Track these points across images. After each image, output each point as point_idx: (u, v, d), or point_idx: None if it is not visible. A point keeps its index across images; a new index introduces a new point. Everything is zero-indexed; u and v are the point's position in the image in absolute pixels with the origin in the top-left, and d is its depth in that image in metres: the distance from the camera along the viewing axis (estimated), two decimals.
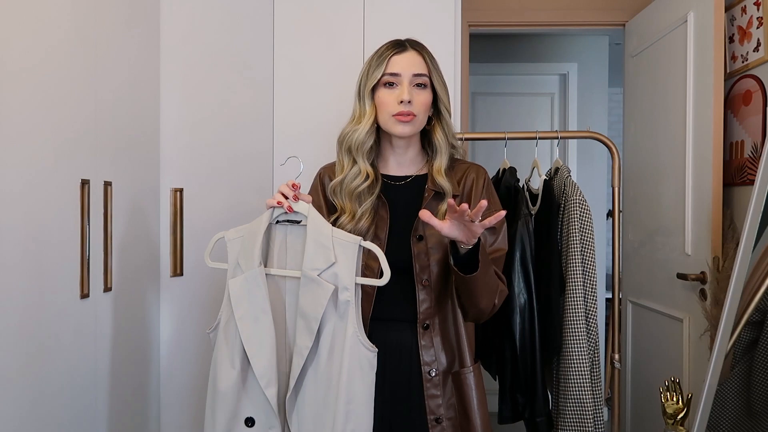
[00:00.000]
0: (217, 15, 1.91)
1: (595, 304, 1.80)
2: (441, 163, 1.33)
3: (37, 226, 1.20)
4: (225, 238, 1.23)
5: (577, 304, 1.76)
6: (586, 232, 1.78)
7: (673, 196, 2.26)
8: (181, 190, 1.78)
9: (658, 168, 2.41)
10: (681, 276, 2.13)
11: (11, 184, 1.12)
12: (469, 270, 1.16)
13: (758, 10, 1.97)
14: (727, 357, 1.51)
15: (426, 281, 1.27)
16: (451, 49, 2.08)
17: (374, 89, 1.30)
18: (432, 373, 1.27)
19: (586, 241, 1.78)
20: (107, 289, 1.46)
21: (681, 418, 1.53)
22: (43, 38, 1.22)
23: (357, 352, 1.12)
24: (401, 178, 1.37)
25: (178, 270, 1.78)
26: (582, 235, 1.77)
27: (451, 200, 1.11)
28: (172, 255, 1.77)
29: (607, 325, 2.39)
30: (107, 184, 1.44)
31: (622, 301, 2.59)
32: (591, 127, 2.56)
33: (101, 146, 1.43)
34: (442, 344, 1.29)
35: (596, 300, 1.80)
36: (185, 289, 1.81)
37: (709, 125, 2.03)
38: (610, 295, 2.00)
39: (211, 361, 1.22)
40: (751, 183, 1.77)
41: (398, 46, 1.30)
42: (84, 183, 1.35)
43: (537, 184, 1.92)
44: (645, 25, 2.54)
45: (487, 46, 3.66)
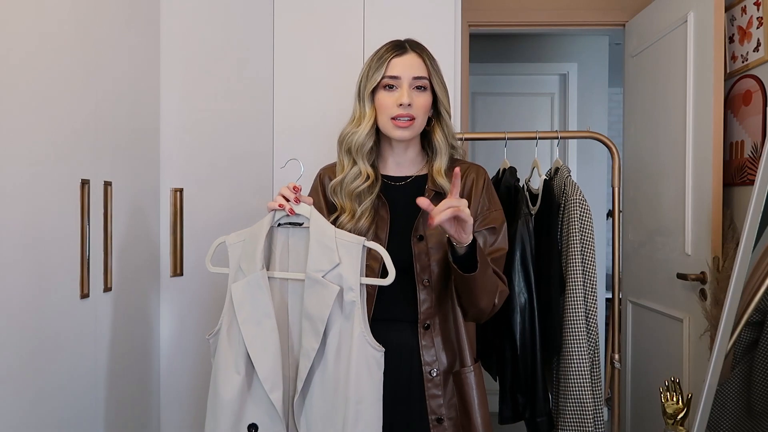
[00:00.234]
0: (217, 15, 1.91)
1: (595, 304, 1.80)
2: (441, 163, 1.33)
3: (37, 226, 1.20)
4: (226, 243, 1.22)
5: (577, 304, 1.76)
6: (586, 232, 1.78)
7: (673, 196, 2.26)
8: (181, 190, 1.78)
9: (658, 168, 2.41)
10: (681, 276, 2.13)
11: (11, 184, 1.12)
12: (468, 269, 1.16)
13: (758, 10, 1.97)
14: (727, 357, 1.51)
15: (426, 281, 1.27)
16: (451, 49, 2.08)
17: (374, 91, 1.30)
18: (433, 373, 1.27)
19: (586, 241, 1.78)
20: (107, 289, 1.46)
21: (681, 418, 1.53)
22: (43, 38, 1.22)
23: (364, 352, 1.12)
24: (401, 178, 1.37)
25: (178, 270, 1.78)
26: (582, 235, 1.77)
27: (423, 199, 1.10)
28: (172, 255, 1.77)
29: (607, 325, 2.39)
30: (107, 184, 1.44)
31: (622, 301, 2.59)
32: (591, 127, 2.56)
33: (101, 146, 1.43)
34: (442, 344, 1.29)
35: (596, 300, 1.80)
36: (185, 289, 1.81)
37: (709, 125, 2.03)
38: (610, 295, 2.00)
39: (213, 367, 1.20)
40: (751, 183, 1.77)
41: (398, 48, 1.30)
42: (84, 183, 1.35)
43: (537, 184, 1.92)
44: (645, 25, 2.54)
45: (487, 46, 3.66)
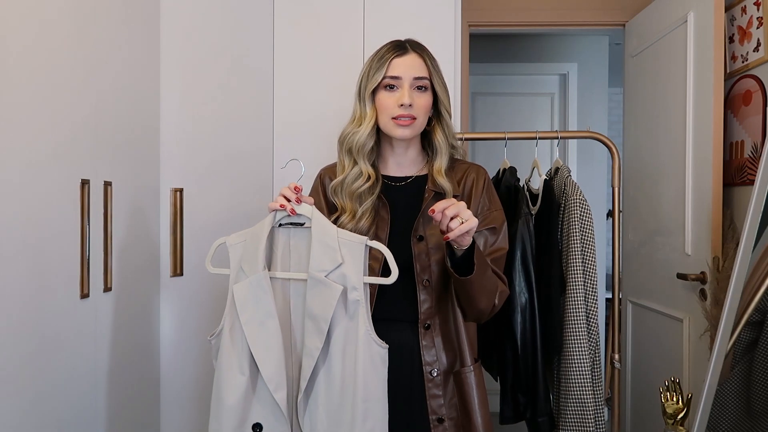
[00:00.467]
0: (217, 15, 1.91)
1: (595, 304, 1.80)
2: (441, 163, 1.33)
3: (37, 226, 1.20)
4: (226, 244, 1.22)
5: (578, 304, 1.76)
6: (586, 232, 1.78)
7: (673, 196, 2.26)
8: (181, 190, 1.78)
9: (658, 168, 2.41)
10: (681, 276, 2.13)
11: (11, 183, 1.12)
12: (466, 272, 1.16)
13: (758, 10, 1.97)
14: (727, 357, 1.51)
15: (427, 281, 1.27)
16: (451, 49, 2.08)
17: (375, 91, 1.30)
18: (434, 373, 1.27)
19: (587, 241, 1.78)
20: (107, 289, 1.46)
21: (681, 418, 1.53)
22: (43, 38, 1.22)
23: (370, 350, 1.12)
24: (401, 178, 1.37)
25: (178, 270, 1.78)
26: (582, 235, 1.77)
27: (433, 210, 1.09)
28: (172, 255, 1.77)
29: (607, 325, 2.39)
30: (107, 184, 1.44)
31: (622, 301, 2.59)
32: (591, 127, 2.56)
33: (101, 146, 1.43)
34: (443, 344, 1.29)
35: (597, 300, 1.80)
36: (185, 289, 1.81)
37: (709, 125, 2.03)
38: (610, 295, 2.00)
39: (216, 368, 1.20)
40: (751, 183, 1.77)
41: (399, 49, 1.30)
42: (84, 183, 1.35)
43: (537, 184, 1.92)
44: (645, 25, 2.54)
45: (487, 46, 3.66)
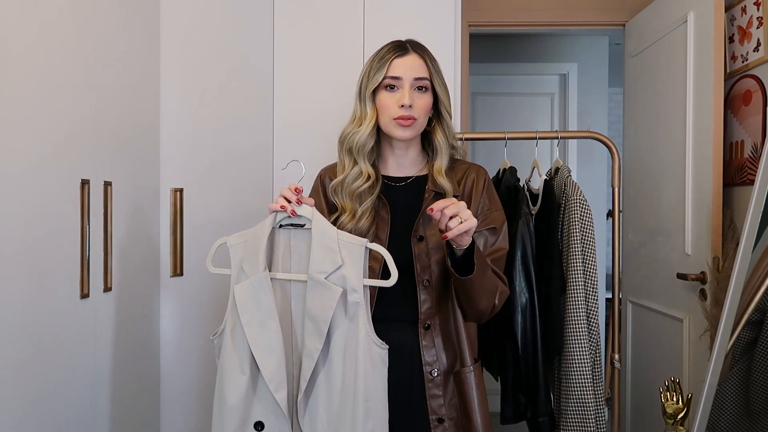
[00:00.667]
0: (217, 15, 1.91)
1: (596, 304, 1.80)
2: (441, 163, 1.33)
3: (37, 226, 1.20)
4: (227, 244, 1.22)
5: (579, 304, 1.76)
6: (586, 232, 1.78)
7: (673, 196, 2.26)
8: (181, 190, 1.78)
9: (658, 168, 2.41)
10: (681, 276, 2.13)
11: (11, 184, 1.12)
12: (466, 272, 1.16)
13: (758, 10, 1.97)
14: (726, 357, 1.51)
15: (427, 281, 1.27)
16: (451, 49, 2.08)
17: (375, 91, 1.30)
18: (434, 373, 1.27)
19: (587, 241, 1.77)
20: (107, 289, 1.46)
21: (681, 418, 1.53)
22: (43, 38, 1.22)
23: (370, 351, 1.12)
24: (401, 179, 1.37)
25: (178, 270, 1.78)
26: (583, 235, 1.77)
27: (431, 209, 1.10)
28: (172, 255, 1.77)
29: (607, 325, 2.38)
30: (107, 184, 1.44)
31: (622, 301, 2.59)
32: (591, 127, 2.56)
33: (101, 146, 1.43)
34: (443, 344, 1.29)
35: (597, 300, 1.80)
36: (185, 289, 1.81)
37: (709, 125, 2.03)
38: (610, 295, 2.00)
39: (218, 368, 1.21)
40: (751, 183, 1.77)
41: (400, 49, 1.30)
42: (84, 183, 1.35)
43: (537, 184, 1.92)
44: (645, 25, 2.54)
45: (487, 46, 3.66)
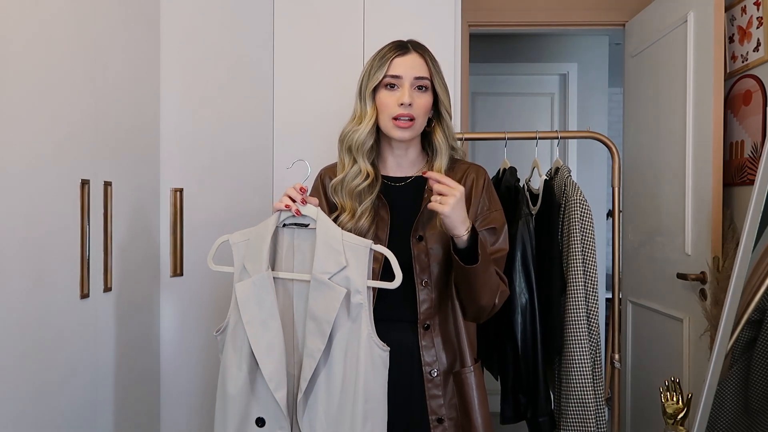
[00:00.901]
0: (217, 15, 1.91)
1: (596, 304, 1.80)
2: (441, 163, 1.33)
3: (37, 226, 1.20)
4: (230, 242, 1.22)
5: (579, 304, 1.76)
6: (586, 232, 1.78)
7: (673, 196, 2.26)
8: (181, 190, 1.78)
9: (658, 168, 2.41)
10: (681, 276, 2.13)
11: (11, 184, 1.12)
12: (469, 262, 1.17)
13: (758, 10, 1.97)
14: (726, 356, 1.51)
15: (426, 281, 1.27)
16: (451, 49, 2.08)
17: (375, 90, 1.30)
18: (433, 374, 1.27)
19: (587, 241, 1.77)
20: (107, 289, 1.46)
21: (681, 418, 1.53)
22: (43, 38, 1.22)
23: (371, 353, 1.12)
24: (401, 179, 1.37)
25: (178, 270, 1.78)
26: (583, 235, 1.77)
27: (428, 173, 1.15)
28: (172, 255, 1.77)
29: (607, 325, 2.38)
30: (107, 184, 1.44)
31: (622, 301, 2.59)
32: (591, 127, 2.55)
33: (101, 146, 1.43)
34: (443, 344, 1.29)
35: (597, 300, 1.80)
36: (185, 289, 1.81)
37: (709, 125, 2.03)
38: (610, 295, 2.00)
39: (220, 364, 1.21)
40: (751, 183, 1.77)
41: (400, 48, 1.30)
42: (84, 183, 1.35)
43: (537, 184, 1.92)
44: (645, 25, 2.54)
45: (487, 46, 3.66)
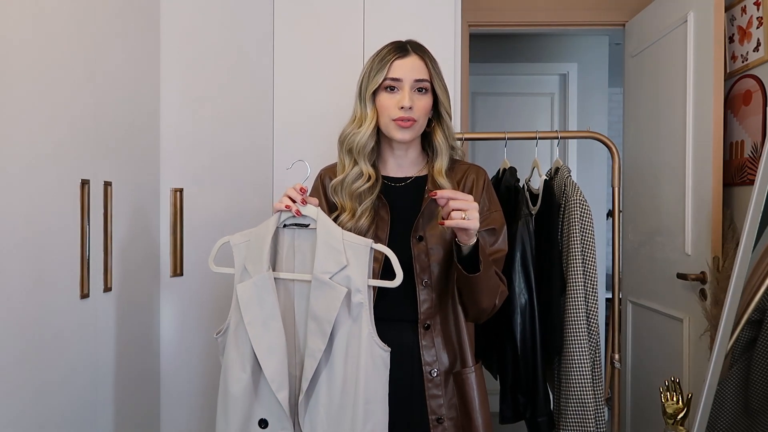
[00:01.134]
0: (217, 15, 1.91)
1: (596, 304, 1.80)
2: (441, 164, 1.33)
3: (37, 226, 1.20)
4: (230, 243, 1.22)
5: (578, 304, 1.76)
6: (586, 232, 1.78)
7: (673, 196, 2.26)
8: (181, 190, 1.78)
9: (658, 168, 2.41)
10: (681, 276, 2.13)
11: (11, 184, 1.12)
12: (471, 269, 1.17)
13: (758, 10, 1.97)
14: (726, 356, 1.51)
15: (426, 281, 1.27)
16: (451, 49, 2.08)
17: (375, 92, 1.30)
18: (433, 373, 1.27)
19: (587, 241, 1.77)
20: (107, 289, 1.46)
21: (681, 418, 1.53)
22: (43, 37, 1.22)
23: (372, 353, 1.12)
24: (401, 179, 1.37)
25: (178, 270, 1.78)
26: (582, 235, 1.77)
27: (435, 192, 1.12)
28: (172, 255, 1.77)
29: (607, 325, 2.39)
30: (107, 184, 1.44)
31: (622, 301, 2.59)
32: (591, 127, 2.56)
33: (101, 146, 1.43)
34: (443, 344, 1.29)
35: (597, 300, 1.80)
36: (185, 289, 1.81)
37: (709, 125, 2.03)
38: (610, 295, 2.00)
39: (222, 365, 1.21)
40: (751, 183, 1.77)
41: (400, 50, 1.30)
42: (84, 183, 1.35)
43: (537, 184, 1.92)
44: (645, 25, 2.54)
45: (487, 46, 3.66)
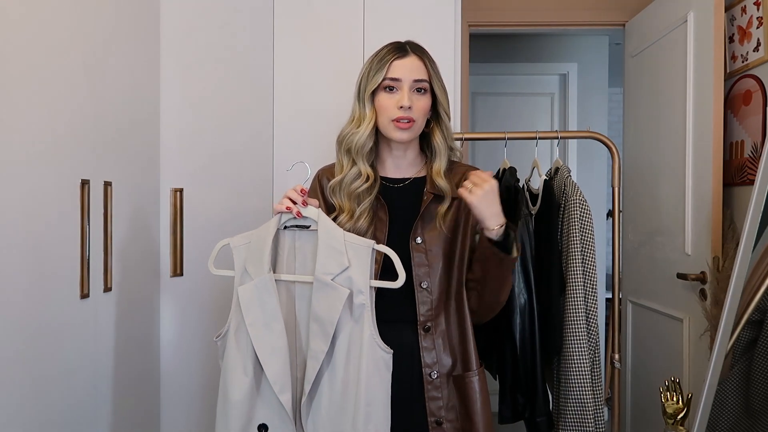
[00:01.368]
0: (217, 15, 1.91)
1: (595, 304, 1.80)
2: (440, 165, 1.33)
3: (37, 226, 1.20)
4: (230, 245, 1.22)
5: (578, 304, 1.76)
6: (586, 232, 1.77)
7: (673, 196, 2.26)
8: (181, 190, 1.78)
9: (658, 168, 2.41)
10: (681, 276, 2.12)
11: (11, 184, 1.12)
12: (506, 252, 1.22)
13: (758, 10, 1.96)
14: (726, 357, 1.51)
15: (425, 284, 1.27)
16: (451, 49, 2.08)
17: (374, 92, 1.29)
18: (433, 375, 1.27)
19: (587, 241, 1.77)
20: (107, 289, 1.46)
21: (681, 418, 1.53)
22: (43, 38, 1.22)
23: (374, 354, 1.12)
24: (400, 180, 1.36)
25: (178, 270, 1.78)
26: (582, 235, 1.77)
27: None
28: (172, 255, 1.77)
29: (607, 325, 2.39)
30: (107, 184, 1.44)
31: (622, 301, 2.59)
32: (591, 127, 2.55)
33: (101, 146, 1.43)
34: (443, 346, 1.29)
35: (597, 300, 1.80)
36: (185, 289, 1.81)
37: (709, 125, 2.03)
38: (610, 295, 2.00)
39: (222, 369, 1.21)
40: (751, 183, 1.77)
41: (399, 51, 1.30)
42: (84, 183, 1.35)
43: (537, 184, 1.92)
44: (645, 25, 2.54)
45: (487, 46, 3.66)
